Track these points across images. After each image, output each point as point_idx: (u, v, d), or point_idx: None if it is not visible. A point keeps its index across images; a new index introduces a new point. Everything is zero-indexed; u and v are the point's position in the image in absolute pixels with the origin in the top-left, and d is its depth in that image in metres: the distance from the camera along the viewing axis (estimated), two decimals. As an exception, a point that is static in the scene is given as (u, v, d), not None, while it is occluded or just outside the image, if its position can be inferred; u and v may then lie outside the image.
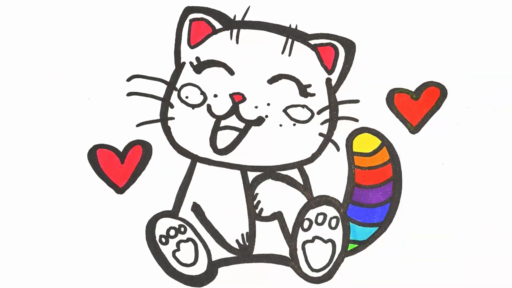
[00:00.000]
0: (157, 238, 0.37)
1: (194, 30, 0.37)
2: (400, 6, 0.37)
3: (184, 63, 0.37)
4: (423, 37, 0.37)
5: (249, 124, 0.37)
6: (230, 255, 0.37)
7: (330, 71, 0.37)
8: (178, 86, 0.37)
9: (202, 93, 0.37)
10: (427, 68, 0.37)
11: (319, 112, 0.37)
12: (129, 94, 0.37)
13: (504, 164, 0.37)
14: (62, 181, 0.37)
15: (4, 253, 0.37)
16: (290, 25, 0.37)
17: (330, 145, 0.37)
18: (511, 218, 0.37)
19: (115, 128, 0.37)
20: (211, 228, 0.37)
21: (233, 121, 0.37)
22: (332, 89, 0.37)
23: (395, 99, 0.37)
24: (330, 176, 0.37)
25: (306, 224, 0.37)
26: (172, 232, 0.37)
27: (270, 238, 0.37)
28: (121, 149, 0.37)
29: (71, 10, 0.38)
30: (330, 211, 0.37)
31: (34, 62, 0.38)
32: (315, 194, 0.37)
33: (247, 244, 0.37)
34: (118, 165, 0.37)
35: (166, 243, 0.37)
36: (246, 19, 0.37)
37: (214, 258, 0.37)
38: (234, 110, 0.37)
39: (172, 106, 0.37)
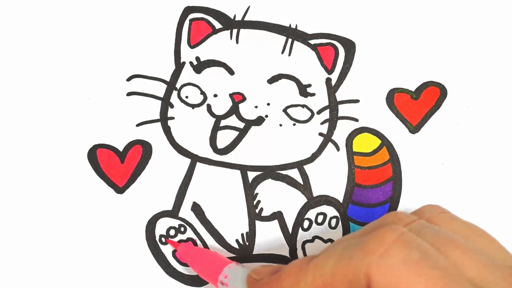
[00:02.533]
0: (157, 238, 0.37)
1: (194, 30, 0.37)
2: (400, 6, 0.37)
3: (184, 63, 0.37)
4: (423, 37, 0.37)
5: (249, 124, 0.37)
6: (230, 255, 0.37)
7: (330, 71, 0.37)
8: (178, 86, 0.37)
9: (202, 93, 0.37)
10: (427, 68, 0.37)
11: (319, 112, 0.37)
12: (129, 94, 0.37)
13: (504, 164, 0.37)
14: (62, 181, 0.37)
15: (3, 253, 0.37)
16: (290, 25, 0.37)
17: (330, 145, 0.37)
18: (511, 218, 0.37)
19: (115, 128, 0.37)
20: (211, 228, 0.37)
21: (233, 121, 0.37)
22: (332, 89, 0.37)
23: (395, 99, 0.37)
24: (330, 176, 0.37)
25: (306, 224, 0.37)
26: (172, 232, 0.37)
27: (270, 238, 0.37)
28: (121, 149, 0.37)
29: (71, 10, 0.38)
30: (330, 211, 0.37)
31: (33, 62, 0.38)
32: (315, 194, 0.37)
33: (247, 244, 0.37)
34: (118, 165, 0.37)
35: (166, 243, 0.37)
36: (246, 19, 0.37)
37: (214, 258, 0.37)
38: (234, 110, 0.37)
39: (172, 106, 0.37)
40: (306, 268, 0.27)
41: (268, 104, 0.37)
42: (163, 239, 0.37)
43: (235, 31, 0.37)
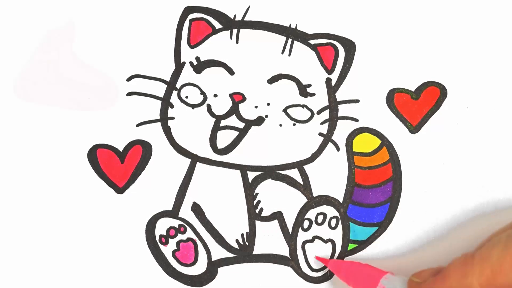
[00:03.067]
0: (157, 238, 0.37)
1: (194, 30, 0.37)
2: (400, 6, 0.37)
3: (184, 63, 0.37)
4: (423, 37, 0.37)
5: (249, 124, 0.37)
6: (230, 255, 0.37)
7: (330, 71, 0.37)
8: (178, 86, 0.37)
9: (202, 93, 0.37)
10: (427, 68, 0.37)
11: (319, 112, 0.37)
12: (129, 94, 0.37)
13: (504, 164, 0.37)
14: (62, 181, 0.37)
15: (4, 253, 0.37)
16: (290, 25, 0.37)
17: (330, 145, 0.37)
18: (511, 219, 0.37)
19: (115, 128, 0.37)
20: (211, 228, 0.37)
21: (233, 121, 0.37)
22: (332, 89, 0.37)
23: (395, 99, 0.37)
24: (330, 176, 0.37)
25: (306, 224, 0.37)
26: (172, 232, 0.37)
27: (270, 238, 0.37)
28: (121, 149, 0.37)
29: (71, 10, 0.38)
30: (330, 211, 0.37)
31: (33, 62, 0.38)
32: (315, 194, 0.37)
33: (247, 244, 0.37)
34: (118, 165, 0.37)
35: (166, 243, 0.37)
36: (246, 19, 0.37)
37: (214, 258, 0.37)
38: (234, 110, 0.37)
39: (172, 106, 0.37)
40: (472, 262, 0.28)
41: (268, 104, 0.37)
42: (163, 239, 0.37)
43: (235, 31, 0.37)
